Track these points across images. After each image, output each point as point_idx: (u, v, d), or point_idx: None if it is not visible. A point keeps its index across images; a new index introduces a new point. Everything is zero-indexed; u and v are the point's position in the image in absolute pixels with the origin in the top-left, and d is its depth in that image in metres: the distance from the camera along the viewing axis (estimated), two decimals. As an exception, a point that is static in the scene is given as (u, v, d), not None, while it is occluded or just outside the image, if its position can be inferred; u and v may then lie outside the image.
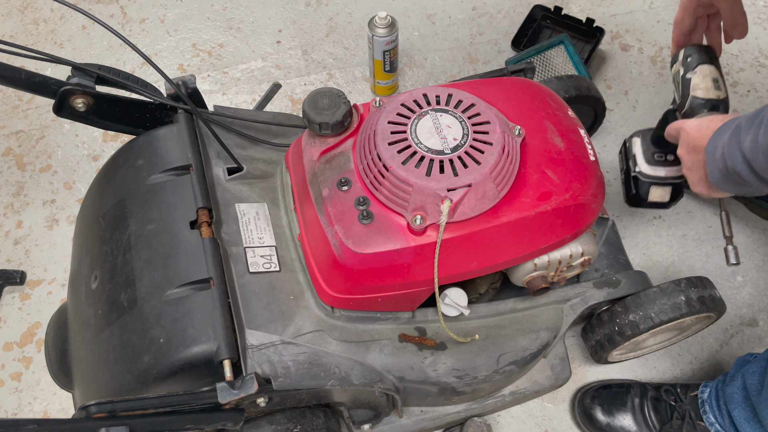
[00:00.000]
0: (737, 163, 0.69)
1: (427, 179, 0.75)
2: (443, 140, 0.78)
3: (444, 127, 0.79)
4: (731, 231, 0.94)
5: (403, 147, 0.78)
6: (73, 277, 0.91)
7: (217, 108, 0.96)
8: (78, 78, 0.84)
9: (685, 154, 0.84)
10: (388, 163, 0.76)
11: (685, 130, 0.83)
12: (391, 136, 0.79)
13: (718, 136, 0.74)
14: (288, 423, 0.84)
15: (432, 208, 0.76)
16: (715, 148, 0.74)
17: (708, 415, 0.99)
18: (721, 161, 0.73)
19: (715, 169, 0.74)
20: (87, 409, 0.66)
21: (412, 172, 0.76)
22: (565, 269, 0.90)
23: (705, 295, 0.96)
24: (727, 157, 0.71)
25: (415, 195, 0.76)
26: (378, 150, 0.78)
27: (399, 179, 0.76)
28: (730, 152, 0.70)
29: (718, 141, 0.73)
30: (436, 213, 0.76)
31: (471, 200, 0.76)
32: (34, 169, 1.39)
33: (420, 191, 0.75)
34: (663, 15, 1.54)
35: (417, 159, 0.77)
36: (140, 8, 1.61)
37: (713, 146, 0.74)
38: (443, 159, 0.77)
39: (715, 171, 0.75)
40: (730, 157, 0.70)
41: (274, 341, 0.78)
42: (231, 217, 0.86)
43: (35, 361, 1.18)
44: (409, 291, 0.82)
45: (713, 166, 0.75)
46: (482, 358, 0.91)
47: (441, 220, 0.76)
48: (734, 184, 0.74)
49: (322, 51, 1.52)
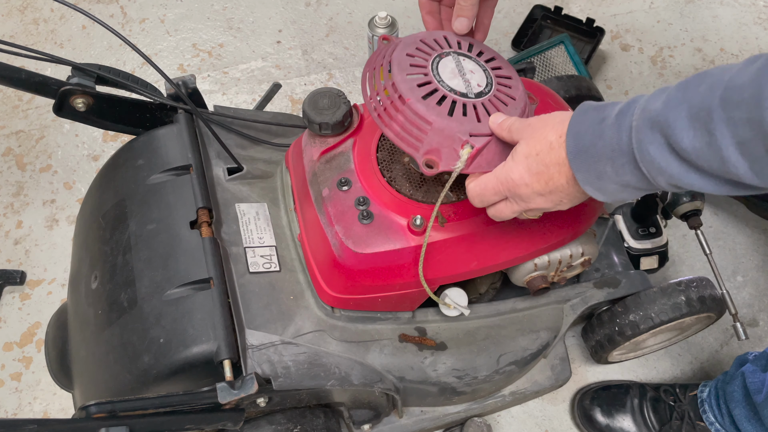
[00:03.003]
0: (665, 166, 0.53)
1: (448, 119, 0.68)
2: (467, 84, 0.71)
3: (467, 71, 0.72)
4: (736, 308, 0.98)
5: (423, 81, 0.70)
6: (73, 277, 0.91)
7: (217, 108, 0.96)
8: (78, 78, 0.84)
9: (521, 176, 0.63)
10: (405, 95, 0.68)
11: (517, 153, 0.64)
12: (410, 68, 0.70)
13: (594, 137, 0.57)
14: (288, 423, 0.84)
15: (448, 152, 0.68)
16: (599, 152, 0.57)
17: (707, 415, 0.99)
18: (617, 166, 0.56)
19: (602, 176, 0.58)
20: (87, 409, 0.66)
21: (433, 109, 0.68)
22: (565, 269, 0.90)
23: (705, 295, 0.96)
24: (644, 161, 0.54)
25: (432, 135, 0.68)
26: (395, 80, 0.69)
27: (417, 115, 0.68)
28: (648, 156, 0.54)
29: (597, 141, 0.57)
30: (451, 158, 0.68)
31: (489, 153, 0.69)
32: (34, 169, 1.39)
33: (439, 131, 0.68)
34: (663, 15, 1.54)
35: (438, 97, 0.69)
36: (140, 8, 1.61)
37: (594, 151, 0.57)
38: (466, 102, 0.69)
39: (602, 178, 0.58)
40: (648, 162, 0.54)
41: (274, 341, 0.78)
42: (231, 217, 0.86)
43: (35, 361, 1.18)
44: (409, 291, 0.82)
45: (600, 174, 0.58)
46: (482, 358, 0.91)
47: (456, 166, 0.68)
48: (634, 190, 0.59)
49: (322, 51, 1.52)
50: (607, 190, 0.59)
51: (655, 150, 0.53)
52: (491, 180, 0.66)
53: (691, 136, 0.50)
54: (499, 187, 0.65)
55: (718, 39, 1.51)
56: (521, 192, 0.64)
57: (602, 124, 0.57)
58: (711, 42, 1.51)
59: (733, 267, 1.23)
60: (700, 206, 0.99)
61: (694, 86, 0.51)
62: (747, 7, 1.56)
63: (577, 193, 0.62)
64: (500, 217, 0.70)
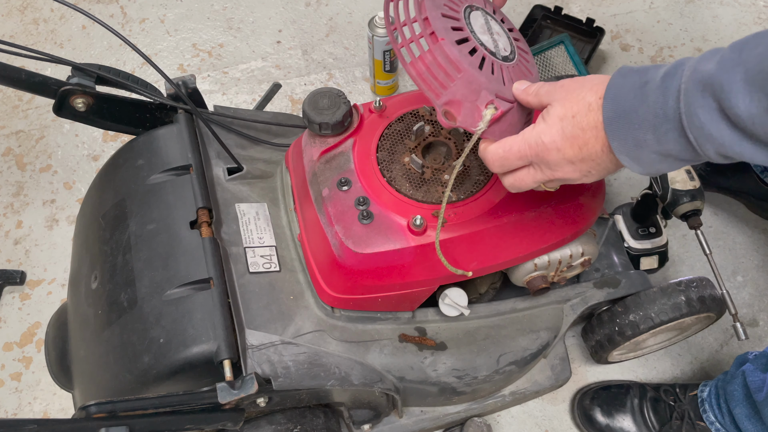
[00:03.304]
0: (716, 134, 0.49)
1: (478, 72, 0.63)
2: (495, 44, 0.67)
3: (494, 32, 0.68)
4: (736, 308, 0.98)
5: (457, 26, 0.64)
6: (73, 277, 0.91)
7: (217, 108, 0.96)
8: (78, 78, 0.84)
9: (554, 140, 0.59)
10: (439, 33, 0.62)
11: (549, 115, 0.59)
12: (444, 8, 0.65)
13: (637, 101, 0.53)
14: (288, 423, 0.84)
15: (470, 108, 0.63)
16: (641, 120, 0.53)
17: (708, 414, 0.99)
18: (658, 134, 0.53)
19: (641, 143, 0.54)
20: (87, 409, 0.66)
21: (465, 57, 0.62)
22: (565, 269, 0.90)
23: (705, 295, 0.96)
24: (691, 127, 0.51)
25: (458, 84, 0.62)
26: (429, 15, 0.63)
27: (447, 58, 0.62)
28: (697, 122, 0.50)
29: (639, 108, 0.53)
30: (470, 116, 0.63)
31: (506, 122, 0.65)
32: (34, 169, 1.39)
33: (467, 82, 0.62)
34: (663, 15, 1.54)
35: (470, 47, 0.64)
36: (140, 8, 1.61)
37: (636, 118, 0.53)
38: (494, 62, 0.65)
39: (642, 145, 0.54)
40: (696, 129, 0.50)
41: (274, 341, 0.78)
42: (231, 217, 0.86)
43: (35, 361, 1.18)
44: (409, 291, 0.82)
45: (640, 141, 0.54)
46: (482, 358, 0.91)
47: (479, 127, 0.63)
48: (674, 161, 0.55)
49: (322, 51, 1.52)
50: (644, 159, 0.55)
51: (705, 115, 0.49)
52: (517, 142, 0.61)
53: (747, 101, 0.46)
54: (526, 151, 0.60)
55: (718, 39, 1.51)
56: (550, 157, 0.59)
57: (645, 87, 0.52)
58: (711, 42, 1.51)
59: (733, 267, 1.23)
60: (700, 206, 0.99)
61: (751, 47, 0.47)
62: (747, 7, 1.56)
63: (609, 164, 0.58)
64: (518, 187, 0.65)
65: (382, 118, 0.86)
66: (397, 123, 0.85)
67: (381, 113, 0.87)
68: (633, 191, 1.31)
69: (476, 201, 0.79)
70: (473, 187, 0.80)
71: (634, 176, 1.33)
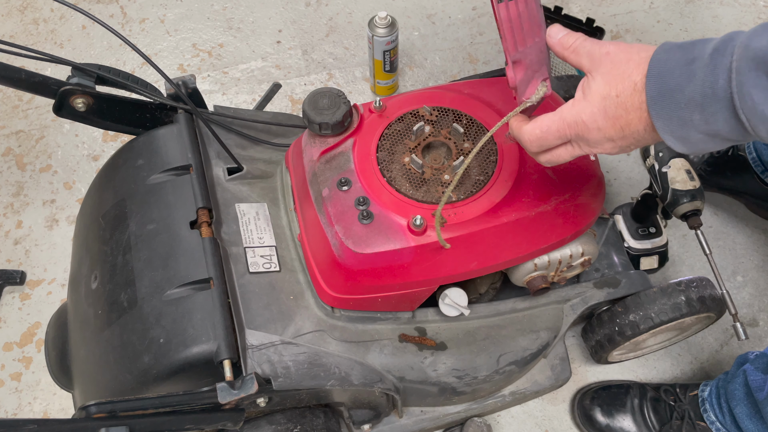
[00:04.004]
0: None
1: (546, 46, 0.63)
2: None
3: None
4: (736, 308, 0.98)
5: None
6: (73, 277, 0.91)
7: (217, 108, 0.96)
8: (78, 78, 0.84)
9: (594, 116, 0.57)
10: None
11: (589, 89, 0.57)
12: None
13: (684, 79, 0.51)
14: (288, 423, 0.84)
15: (528, 76, 0.62)
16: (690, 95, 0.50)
17: (708, 414, 0.99)
18: (705, 109, 0.50)
19: (685, 119, 0.52)
20: (87, 409, 0.66)
21: (545, 24, 0.63)
22: (565, 269, 0.90)
23: (705, 295, 0.96)
24: (744, 107, 0.48)
25: (533, 48, 0.62)
26: None
27: (534, 18, 0.62)
28: (750, 101, 0.47)
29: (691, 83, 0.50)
30: (525, 84, 0.63)
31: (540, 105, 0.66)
32: (34, 169, 1.39)
33: (539, 50, 0.62)
34: (663, 15, 1.54)
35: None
36: (140, 8, 1.61)
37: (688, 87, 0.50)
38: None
39: (686, 121, 0.52)
40: (749, 109, 0.47)
41: (274, 341, 0.78)
42: (231, 217, 0.86)
43: (35, 361, 1.18)
44: (409, 291, 0.82)
45: (684, 113, 0.52)
46: (482, 358, 0.91)
47: (533, 98, 0.62)
48: (722, 141, 0.53)
49: (322, 51, 1.52)
50: (690, 139, 0.52)
51: (759, 95, 0.46)
52: (556, 121, 0.59)
53: None
54: (566, 130, 0.58)
55: (718, 39, 1.51)
56: (591, 136, 0.57)
57: (692, 65, 0.50)
58: (711, 42, 1.50)
59: (733, 267, 1.23)
60: (700, 206, 0.99)
61: None
62: (747, 7, 1.56)
63: (650, 140, 0.56)
64: (554, 162, 0.63)
65: (382, 118, 0.86)
66: (397, 123, 0.85)
67: (381, 113, 0.87)
68: (633, 191, 1.31)
69: (476, 201, 0.80)
70: (473, 187, 0.80)
71: (634, 176, 1.33)
